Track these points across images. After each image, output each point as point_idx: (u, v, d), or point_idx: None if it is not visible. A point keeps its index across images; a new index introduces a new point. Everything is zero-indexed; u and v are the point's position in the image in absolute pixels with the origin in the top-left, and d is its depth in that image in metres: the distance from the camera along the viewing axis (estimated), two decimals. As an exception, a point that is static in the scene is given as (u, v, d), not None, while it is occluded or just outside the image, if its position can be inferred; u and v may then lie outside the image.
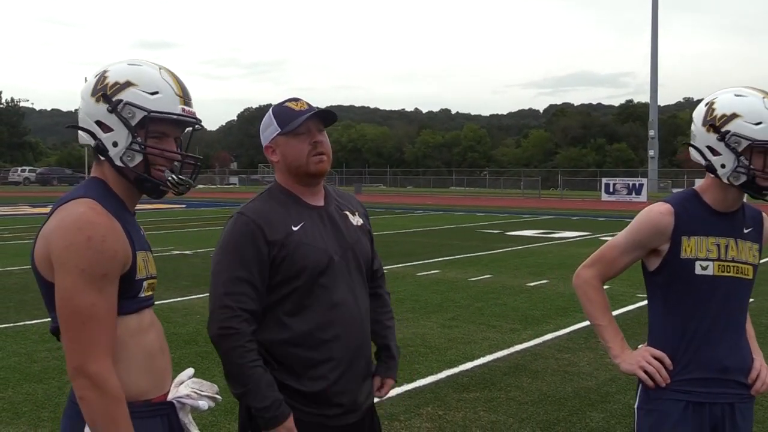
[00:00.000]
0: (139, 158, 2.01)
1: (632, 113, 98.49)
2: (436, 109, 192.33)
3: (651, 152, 62.47)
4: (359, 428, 2.57)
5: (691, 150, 2.57)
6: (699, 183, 2.66)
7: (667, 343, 2.59)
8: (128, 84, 2.01)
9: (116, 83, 2.01)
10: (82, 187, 2.04)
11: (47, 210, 2.07)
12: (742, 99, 2.45)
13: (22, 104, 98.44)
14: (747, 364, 2.59)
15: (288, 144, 2.48)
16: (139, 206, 2.21)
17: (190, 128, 2.13)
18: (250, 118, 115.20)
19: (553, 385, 6.09)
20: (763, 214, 2.67)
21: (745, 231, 2.59)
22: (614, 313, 2.69)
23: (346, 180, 71.83)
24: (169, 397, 2.08)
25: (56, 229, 1.90)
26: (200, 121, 2.14)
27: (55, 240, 1.89)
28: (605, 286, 2.73)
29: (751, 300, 2.67)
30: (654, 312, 2.65)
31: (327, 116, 2.51)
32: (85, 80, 2.13)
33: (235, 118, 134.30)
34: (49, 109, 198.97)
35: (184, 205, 31.34)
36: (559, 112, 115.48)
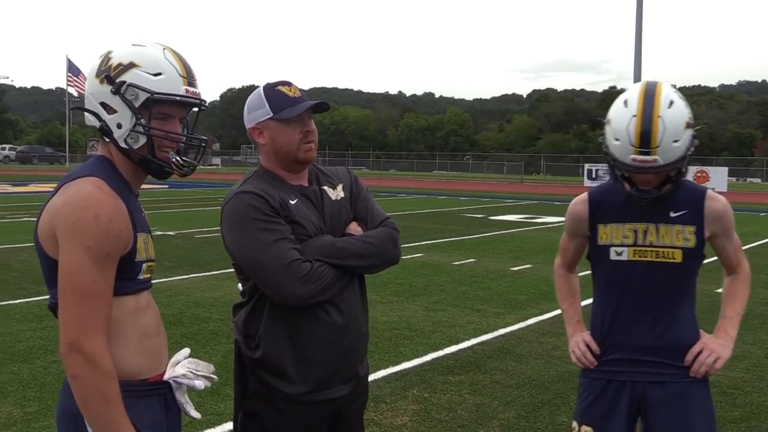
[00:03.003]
0: (143, 140, 2.01)
1: (613, 100, 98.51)
2: (419, 92, 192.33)
3: (633, 139, 62.53)
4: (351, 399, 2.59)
5: None
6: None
7: (596, 326, 2.74)
8: (131, 65, 2.00)
9: (120, 64, 2.01)
10: (89, 166, 2.03)
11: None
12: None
13: (1, 81, 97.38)
14: (681, 344, 2.62)
15: (279, 130, 2.47)
16: None
17: (196, 109, 2.13)
18: (233, 98, 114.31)
19: (537, 368, 6.15)
20: (708, 192, 2.66)
21: (673, 215, 2.60)
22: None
23: (329, 162, 71.31)
24: (166, 376, 2.10)
25: (64, 206, 1.89)
26: (204, 102, 2.14)
27: (62, 216, 1.88)
28: None
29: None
30: (593, 297, 2.79)
31: (320, 106, 2.52)
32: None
33: (218, 98, 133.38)
34: (29, 86, 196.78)
35: (166, 186, 31.16)
36: (542, 97, 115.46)
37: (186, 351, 2.21)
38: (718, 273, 2.80)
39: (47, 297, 2.01)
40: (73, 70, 49.06)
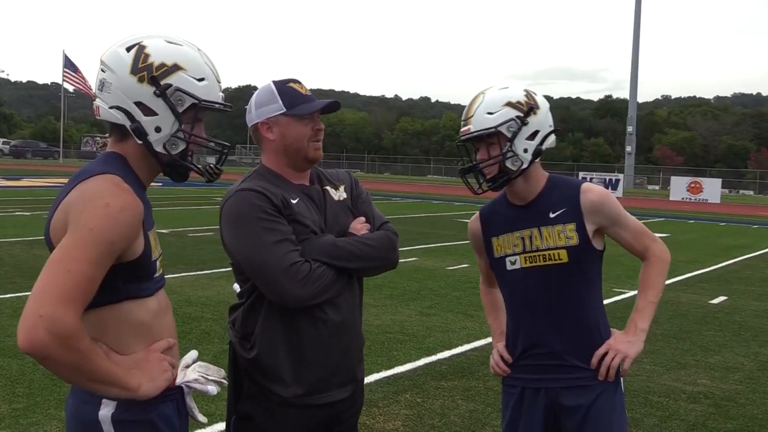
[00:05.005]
0: (182, 146, 1.96)
1: (610, 108, 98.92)
2: (416, 96, 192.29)
3: (628, 148, 62.94)
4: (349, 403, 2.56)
5: None
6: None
7: (508, 335, 2.75)
8: (177, 68, 1.93)
9: (163, 65, 1.92)
10: (101, 162, 1.95)
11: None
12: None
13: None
14: (589, 345, 2.59)
15: (290, 125, 2.45)
16: None
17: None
18: (229, 98, 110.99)
19: (531, 376, 6.11)
20: (583, 186, 2.63)
21: (552, 215, 2.60)
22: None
23: (324, 165, 70.66)
24: (177, 381, 2.03)
25: (77, 200, 1.81)
26: (231, 106, 2.12)
27: (73, 207, 1.80)
28: None
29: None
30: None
31: (332, 106, 2.52)
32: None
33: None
34: (24, 80, 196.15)
35: (160, 183, 30.85)
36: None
37: (194, 354, 2.13)
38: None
39: None
40: (69, 65, 48.97)
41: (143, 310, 1.92)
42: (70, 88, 57.18)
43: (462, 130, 2.65)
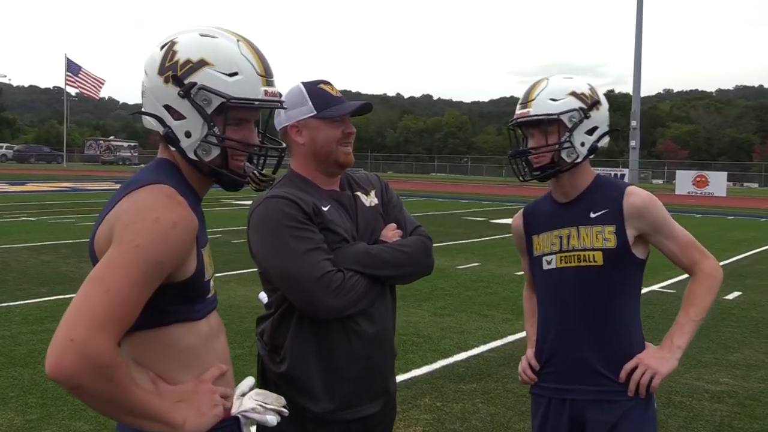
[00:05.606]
0: (216, 152, 1.74)
1: (612, 103, 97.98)
2: (417, 94, 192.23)
3: (633, 143, 62.68)
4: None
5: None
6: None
7: (538, 337, 2.64)
8: (202, 63, 1.71)
9: (188, 61, 1.71)
10: (152, 171, 1.76)
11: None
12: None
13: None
14: (619, 357, 2.45)
15: (320, 128, 2.36)
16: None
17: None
18: None
19: (550, 377, 6.01)
20: (629, 188, 2.51)
21: (593, 215, 2.48)
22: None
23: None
24: (233, 410, 1.83)
25: (125, 212, 1.63)
26: (284, 101, 1.91)
27: (120, 220, 1.62)
28: None
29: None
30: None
31: (364, 108, 2.43)
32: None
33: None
34: (26, 85, 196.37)
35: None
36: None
37: (250, 380, 1.95)
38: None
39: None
40: (72, 68, 48.91)
41: (193, 335, 1.74)
42: (73, 92, 57.28)
43: (519, 112, 2.51)
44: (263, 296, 2.43)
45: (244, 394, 1.90)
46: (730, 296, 9.35)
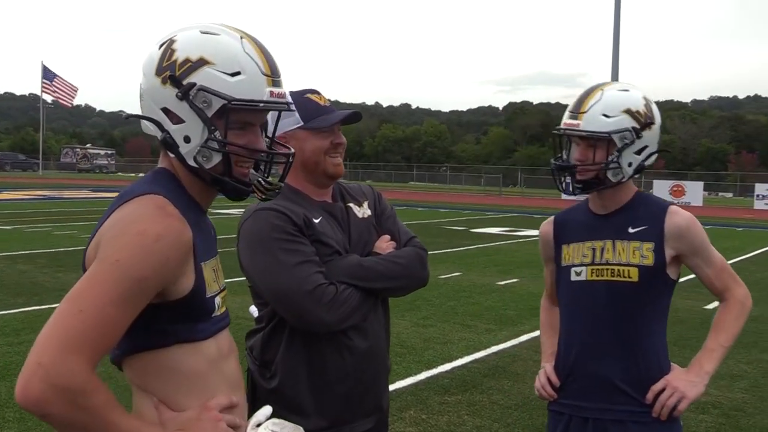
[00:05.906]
0: (218, 158, 1.61)
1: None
2: (396, 103, 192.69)
3: (610, 152, 63.17)
4: None
5: None
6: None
7: (560, 355, 2.56)
8: (202, 62, 1.58)
9: (186, 60, 1.59)
10: (147, 181, 1.64)
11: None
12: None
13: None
14: (646, 377, 2.39)
15: (308, 139, 2.30)
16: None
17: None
18: None
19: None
20: (672, 207, 2.45)
21: (632, 230, 2.42)
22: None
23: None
24: None
25: (112, 225, 1.51)
26: (291, 103, 1.81)
27: (105, 235, 1.50)
28: None
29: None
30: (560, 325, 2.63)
31: (353, 117, 2.37)
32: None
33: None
34: (1, 92, 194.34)
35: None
36: (518, 110, 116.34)
37: (268, 409, 1.81)
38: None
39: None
40: (48, 75, 48.47)
41: (197, 357, 1.59)
42: (49, 99, 56.68)
43: (567, 122, 2.42)
44: (254, 310, 2.37)
45: (259, 424, 1.76)
46: (711, 306, 9.36)
